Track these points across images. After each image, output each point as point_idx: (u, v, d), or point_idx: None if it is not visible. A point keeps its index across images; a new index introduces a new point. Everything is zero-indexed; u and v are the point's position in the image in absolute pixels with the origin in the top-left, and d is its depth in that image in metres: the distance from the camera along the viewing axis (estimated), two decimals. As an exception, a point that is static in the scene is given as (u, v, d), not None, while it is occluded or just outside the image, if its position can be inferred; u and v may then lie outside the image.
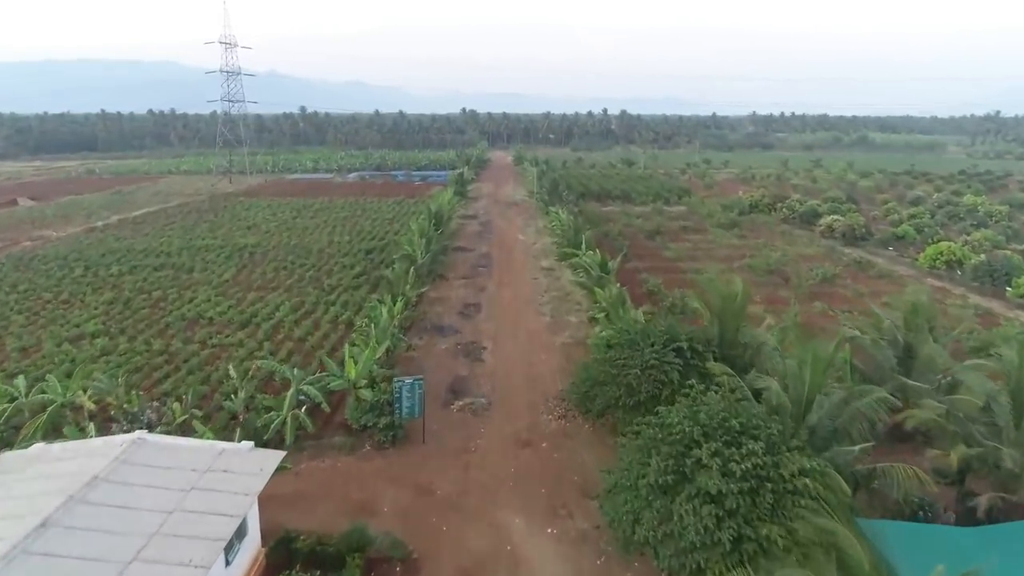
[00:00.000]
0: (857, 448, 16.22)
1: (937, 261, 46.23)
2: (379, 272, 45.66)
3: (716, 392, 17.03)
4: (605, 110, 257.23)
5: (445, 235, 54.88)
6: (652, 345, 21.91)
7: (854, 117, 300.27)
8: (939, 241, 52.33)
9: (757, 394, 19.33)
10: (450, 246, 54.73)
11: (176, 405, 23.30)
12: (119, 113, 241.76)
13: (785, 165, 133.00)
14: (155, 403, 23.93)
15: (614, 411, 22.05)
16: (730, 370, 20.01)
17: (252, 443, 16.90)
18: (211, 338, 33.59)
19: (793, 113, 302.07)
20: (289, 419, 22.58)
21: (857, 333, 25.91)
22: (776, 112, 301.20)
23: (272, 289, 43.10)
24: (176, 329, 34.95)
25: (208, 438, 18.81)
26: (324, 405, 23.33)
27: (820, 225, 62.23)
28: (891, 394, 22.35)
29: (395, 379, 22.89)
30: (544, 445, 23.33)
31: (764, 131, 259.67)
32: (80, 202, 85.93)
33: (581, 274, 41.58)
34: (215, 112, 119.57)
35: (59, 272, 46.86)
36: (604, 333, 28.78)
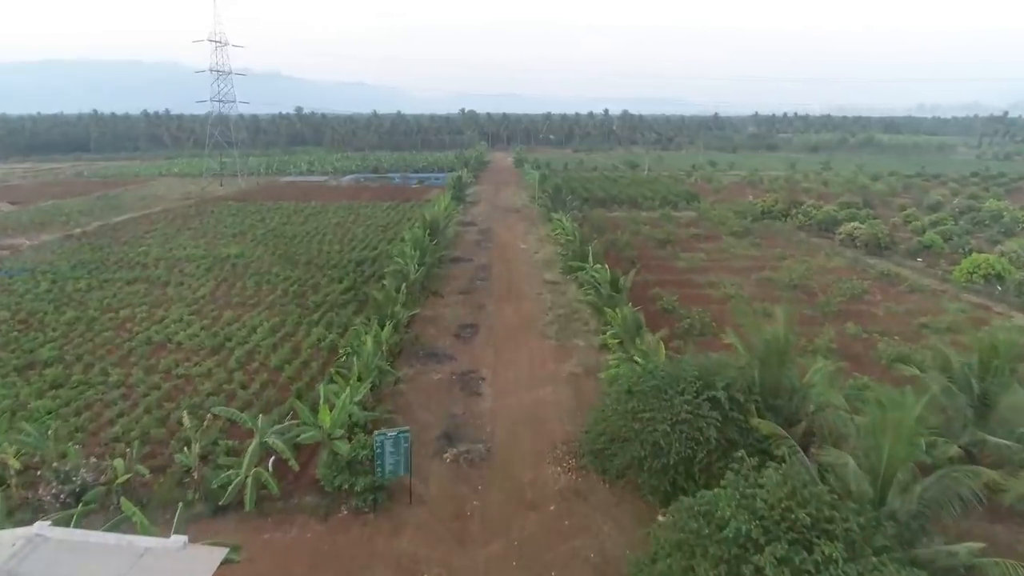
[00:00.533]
0: (962, 549, 12.62)
1: (974, 275, 42.64)
2: (369, 287, 42.18)
3: (776, 468, 13.41)
4: (606, 111, 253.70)
5: (441, 245, 51.28)
6: (682, 393, 18.33)
7: (858, 118, 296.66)
8: (971, 252, 48.79)
9: (816, 463, 15.81)
10: (446, 257, 51.18)
11: (119, 461, 19.72)
12: (113, 114, 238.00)
13: (793, 167, 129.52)
14: (93, 459, 20.29)
15: (637, 472, 18.43)
16: (781, 429, 16.44)
17: (185, 538, 13.27)
18: (177, 367, 29.99)
19: (796, 114, 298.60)
20: (250, 479, 19.00)
21: (916, 371, 22.38)
22: (779, 112, 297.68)
23: (251, 307, 39.51)
24: (139, 356, 31.35)
25: (138, 520, 15.21)
26: (292, 463, 19.73)
27: (839, 233, 58.64)
28: (966, 450, 18.92)
29: (376, 433, 19.28)
30: (552, 508, 19.74)
31: (767, 132, 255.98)
32: (62, 206, 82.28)
33: (589, 291, 38.00)
34: (216, 112, 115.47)
35: (22, 287, 43.25)
36: (619, 369, 25.25)
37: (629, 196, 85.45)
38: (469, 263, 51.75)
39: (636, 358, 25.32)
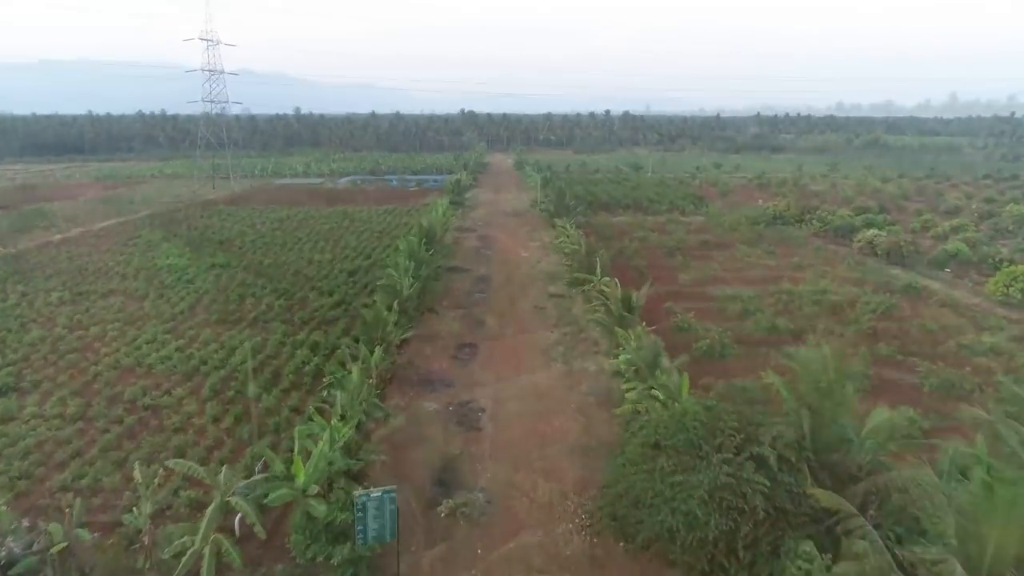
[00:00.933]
0: None
1: (1011, 288, 39.74)
2: (361, 301, 39.34)
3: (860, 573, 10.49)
4: (608, 111, 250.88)
5: (438, 255, 48.33)
6: (720, 449, 15.42)
7: (862, 118, 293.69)
8: (1002, 262, 45.90)
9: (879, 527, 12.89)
10: (443, 267, 48.15)
11: (55, 526, 16.78)
12: (108, 114, 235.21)
13: (800, 170, 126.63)
14: (25, 522, 17.36)
15: (667, 545, 15.48)
16: (846, 503, 13.50)
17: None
18: (144, 396, 27.08)
19: (799, 114, 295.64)
20: (208, 549, 16.07)
21: (982, 414, 19.45)
22: (781, 113, 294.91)
23: (232, 323, 36.58)
24: (104, 383, 28.42)
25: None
26: (258, 528, 16.78)
27: (858, 240, 55.71)
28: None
29: (358, 494, 16.35)
30: (565, 581, 16.82)
31: (770, 132, 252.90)
32: (46, 211, 79.19)
33: (598, 308, 35.06)
34: (207, 113, 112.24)
35: (-11, 301, 40.33)
36: (639, 405, 22.36)
37: (634, 200, 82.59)
38: (468, 273, 48.80)
39: (657, 393, 22.43)
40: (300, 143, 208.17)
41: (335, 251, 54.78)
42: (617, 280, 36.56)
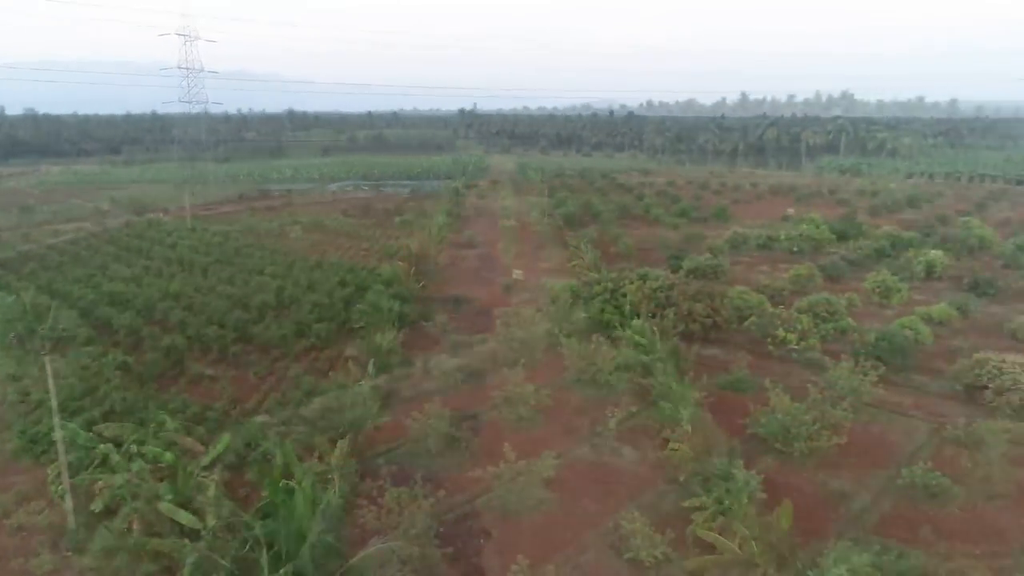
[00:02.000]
0: None
1: None
2: (337, 348, 31.73)
3: None
4: (611, 112, 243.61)
5: (430, 286, 40.56)
6: None
7: (866, 118, 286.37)
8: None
9: None
10: (437, 299, 40.29)
11: None
12: (96, 115, 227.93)
13: (821, 174, 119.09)
14: None
15: None
16: None
17: None
18: (8, 517, 19.38)
19: (806, 115, 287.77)
20: None
21: None
22: (787, 113, 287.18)
23: (169, 381, 29.05)
24: (-38, 488, 20.72)
25: None
26: None
27: (918, 262, 47.94)
28: None
29: None
30: None
31: (776, 133, 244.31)
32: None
33: (634, 367, 27.37)
34: (199, 114, 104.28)
35: None
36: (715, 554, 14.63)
37: (649, 208, 74.90)
38: (465, 305, 40.89)
39: (745, 532, 14.74)
40: (294, 145, 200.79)
41: (312, 277, 46.75)
42: (654, 327, 28.89)
